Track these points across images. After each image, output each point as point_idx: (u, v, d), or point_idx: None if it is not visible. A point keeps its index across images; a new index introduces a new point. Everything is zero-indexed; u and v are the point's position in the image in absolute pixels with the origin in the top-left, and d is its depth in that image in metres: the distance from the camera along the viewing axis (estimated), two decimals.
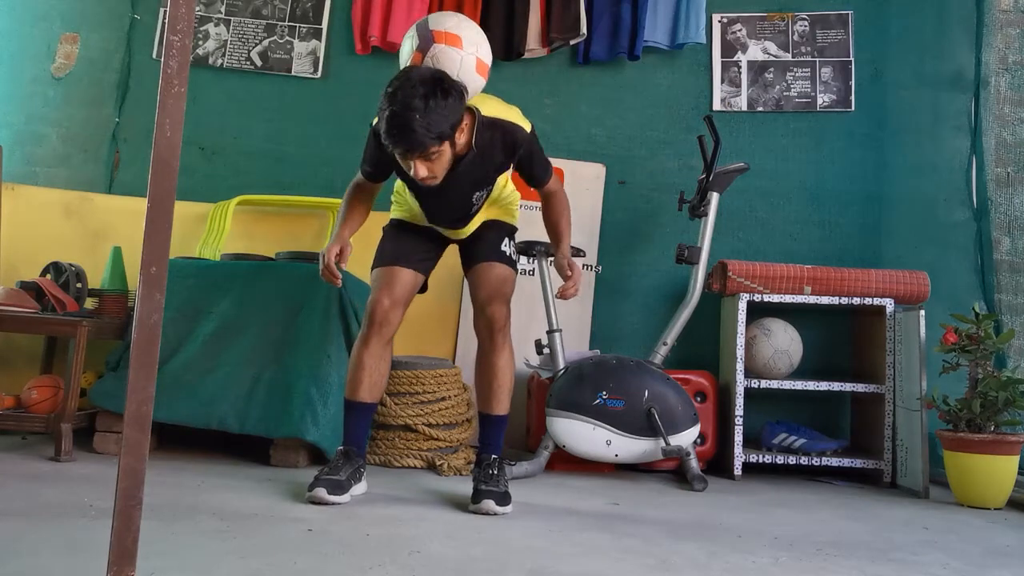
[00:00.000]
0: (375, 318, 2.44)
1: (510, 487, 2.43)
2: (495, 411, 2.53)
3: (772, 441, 3.35)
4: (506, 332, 2.50)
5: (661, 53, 3.93)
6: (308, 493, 2.29)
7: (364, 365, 2.44)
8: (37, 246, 3.49)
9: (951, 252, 3.68)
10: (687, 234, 3.66)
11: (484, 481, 2.38)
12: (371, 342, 2.44)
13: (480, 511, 2.29)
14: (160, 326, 1.20)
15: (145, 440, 1.19)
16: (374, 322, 2.44)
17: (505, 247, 2.57)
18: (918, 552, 2.10)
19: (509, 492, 2.39)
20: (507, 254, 2.56)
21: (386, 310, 2.44)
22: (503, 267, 2.53)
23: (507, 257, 2.55)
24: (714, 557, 1.93)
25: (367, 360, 2.44)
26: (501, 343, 2.49)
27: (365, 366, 2.44)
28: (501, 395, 2.52)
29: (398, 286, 2.47)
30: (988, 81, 3.68)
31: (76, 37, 4.02)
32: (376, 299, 2.45)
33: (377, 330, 2.44)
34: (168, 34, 1.24)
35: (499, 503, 2.31)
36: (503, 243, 2.57)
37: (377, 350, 2.45)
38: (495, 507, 2.30)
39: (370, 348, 2.45)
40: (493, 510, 2.29)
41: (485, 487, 2.35)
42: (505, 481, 2.42)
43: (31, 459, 2.74)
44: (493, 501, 2.30)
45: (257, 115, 3.99)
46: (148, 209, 1.21)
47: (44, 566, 1.56)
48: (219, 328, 3.01)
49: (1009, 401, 2.84)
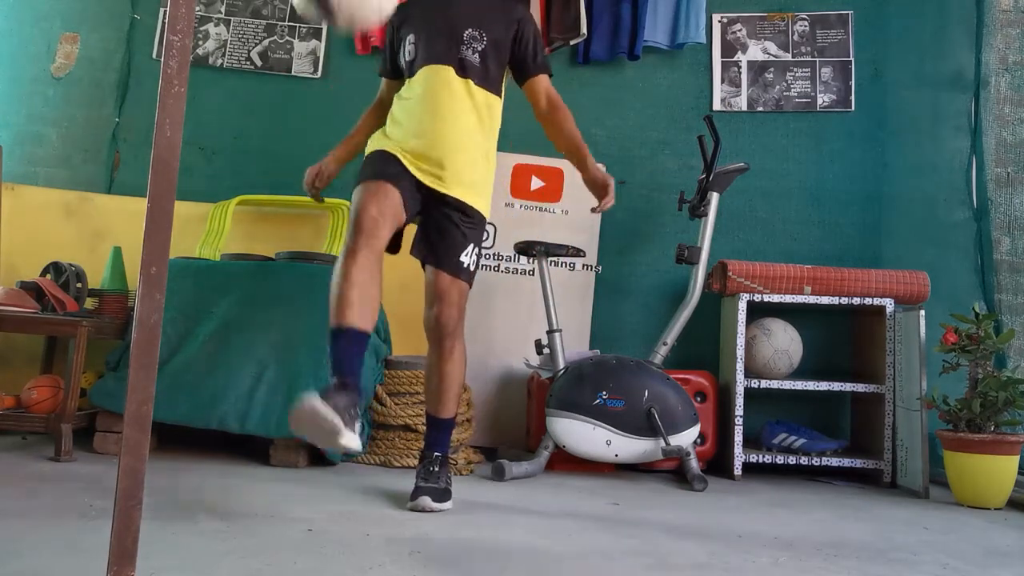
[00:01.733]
0: (363, 226, 2.14)
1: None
2: (442, 414, 2.47)
3: (772, 441, 3.35)
4: (455, 336, 2.41)
5: (661, 53, 3.93)
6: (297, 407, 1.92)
7: (354, 280, 2.06)
8: (37, 246, 3.49)
9: (951, 252, 3.68)
10: (687, 234, 3.67)
11: (424, 478, 2.37)
12: (359, 254, 2.10)
13: (416, 508, 2.27)
14: (160, 326, 1.20)
15: (145, 440, 1.19)
16: (362, 230, 2.13)
17: (465, 257, 2.39)
18: (918, 552, 2.10)
19: (449, 489, 2.38)
20: (465, 265, 2.39)
21: (375, 218, 2.16)
22: (458, 282, 2.39)
23: (464, 269, 2.39)
24: (714, 557, 1.92)
25: (356, 275, 2.07)
26: (450, 347, 2.41)
27: (355, 282, 2.06)
28: (449, 400, 2.45)
29: (385, 200, 2.23)
30: (988, 81, 3.68)
31: (76, 37, 4.02)
32: (363, 206, 2.18)
33: (366, 240, 2.12)
34: (168, 34, 1.24)
35: (436, 499, 2.30)
36: (464, 252, 2.39)
37: (367, 264, 2.10)
38: (431, 503, 2.28)
39: (359, 261, 2.09)
40: (429, 506, 2.27)
41: (424, 483, 2.35)
42: (447, 478, 2.41)
43: (31, 459, 2.74)
44: (429, 497, 2.29)
45: (257, 115, 3.99)
46: (148, 209, 1.21)
47: (44, 566, 1.56)
48: (219, 328, 3.01)
49: (1009, 401, 2.84)
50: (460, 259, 2.38)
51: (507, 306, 3.70)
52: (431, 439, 2.49)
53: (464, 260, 2.39)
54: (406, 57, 2.47)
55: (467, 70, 2.41)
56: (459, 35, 2.42)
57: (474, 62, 2.41)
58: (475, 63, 2.42)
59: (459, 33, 2.42)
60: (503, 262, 3.74)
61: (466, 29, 2.42)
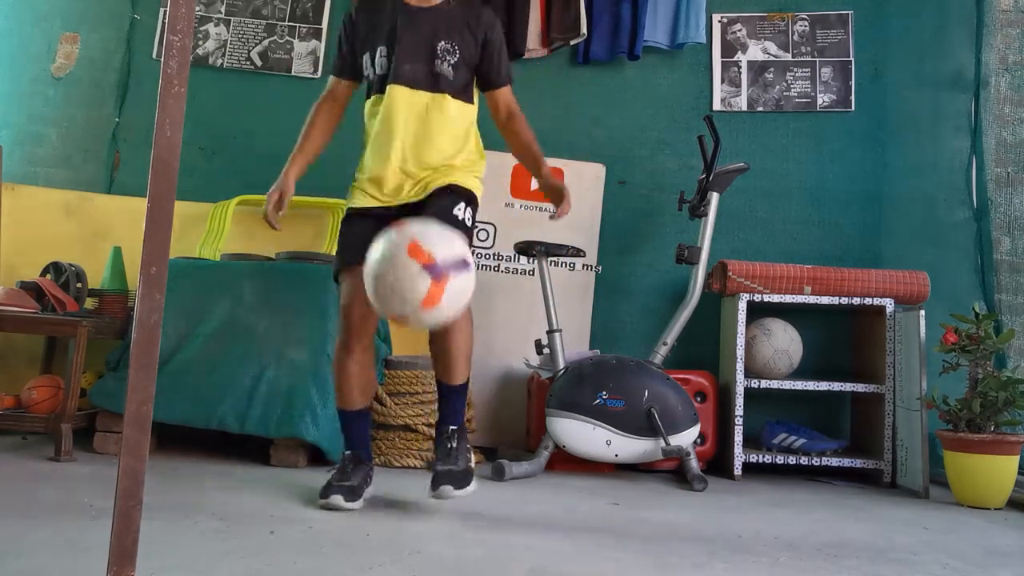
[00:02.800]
0: (351, 325, 2.30)
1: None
2: (452, 380, 2.33)
3: (772, 441, 3.35)
4: None
5: (661, 53, 3.93)
6: (322, 500, 2.22)
7: (350, 373, 2.33)
8: (37, 246, 3.49)
9: (951, 252, 3.68)
10: (687, 234, 3.66)
11: (442, 459, 2.28)
12: (353, 349, 2.32)
13: (439, 497, 2.20)
14: (160, 326, 1.20)
15: (145, 440, 1.19)
16: (352, 329, 2.30)
17: (459, 211, 2.31)
18: (918, 552, 2.10)
19: (470, 469, 2.29)
20: (459, 218, 2.29)
21: (360, 318, 2.29)
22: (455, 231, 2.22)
23: (459, 221, 2.27)
24: (714, 557, 1.92)
25: (352, 367, 2.33)
26: None
27: (351, 374, 2.33)
28: (459, 363, 2.31)
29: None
30: (988, 81, 3.69)
31: (76, 37, 4.02)
32: (348, 305, 2.30)
33: (355, 338, 2.31)
34: (168, 34, 1.24)
35: (457, 486, 2.21)
36: (456, 207, 2.31)
37: (359, 356, 2.34)
38: (453, 492, 2.19)
39: (353, 355, 2.33)
40: (451, 495, 2.19)
41: (443, 467, 2.25)
42: (466, 456, 2.31)
43: (31, 459, 2.74)
44: (451, 486, 2.20)
45: (257, 115, 3.98)
46: (148, 209, 1.21)
47: (44, 566, 1.56)
48: (219, 328, 3.01)
49: (1009, 401, 2.84)
50: (454, 212, 2.29)
51: (507, 306, 3.69)
52: (444, 411, 2.37)
53: (458, 213, 2.30)
54: (376, 70, 2.41)
55: (442, 84, 2.38)
56: (433, 49, 2.38)
57: (448, 75, 2.38)
58: (449, 76, 2.38)
59: (433, 47, 2.38)
60: (503, 262, 3.74)
61: (440, 42, 2.39)
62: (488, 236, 3.75)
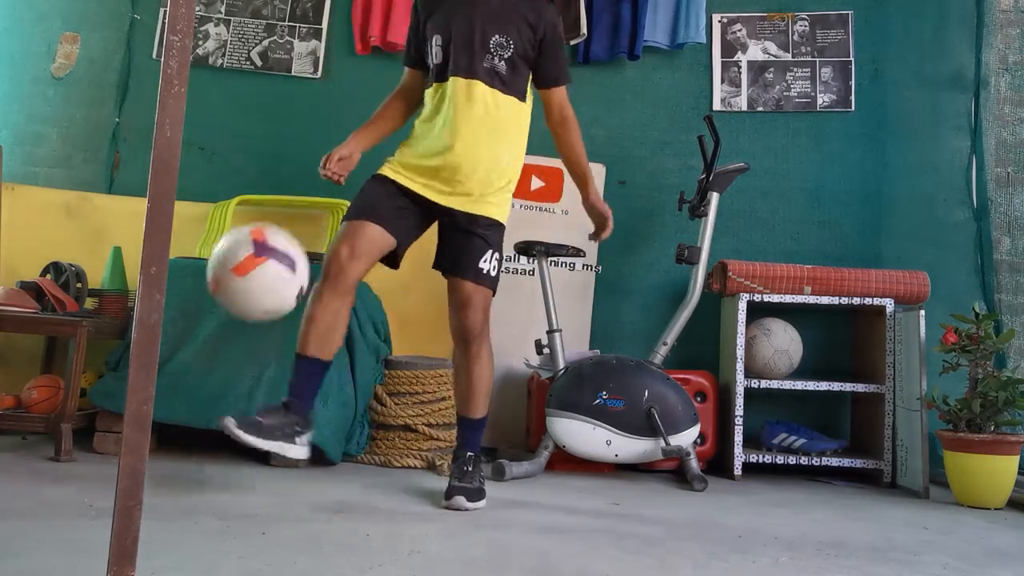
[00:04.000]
0: (329, 270, 2.32)
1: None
2: (472, 415, 2.50)
3: (772, 441, 3.35)
4: (482, 339, 2.45)
5: (661, 53, 3.93)
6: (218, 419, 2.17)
7: (313, 318, 2.32)
8: (37, 246, 3.49)
9: (951, 252, 3.68)
10: (687, 234, 3.66)
11: (458, 478, 2.41)
12: (323, 294, 2.32)
13: (451, 507, 2.32)
14: (160, 326, 1.20)
15: (145, 440, 1.19)
16: (328, 274, 2.32)
17: (484, 263, 2.41)
18: (918, 552, 2.10)
19: (483, 488, 2.42)
20: (485, 271, 2.41)
21: (343, 261, 2.31)
22: (481, 289, 2.41)
23: (484, 275, 2.41)
24: (714, 557, 1.92)
25: (316, 313, 2.31)
26: (476, 351, 2.45)
27: (314, 319, 2.32)
28: (478, 400, 2.49)
29: (361, 239, 2.34)
30: (988, 81, 3.69)
31: (76, 37, 4.02)
32: (334, 249, 2.35)
33: (331, 282, 2.31)
34: (168, 34, 1.24)
35: (470, 499, 2.34)
36: (483, 259, 2.42)
37: (329, 301, 2.32)
38: (465, 503, 2.32)
39: (322, 300, 2.32)
40: (463, 506, 2.31)
41: (458, 483, 2.39)
42: (480, 478, 2.45)
43: (31, 459, 2.74)
44: (464, 497, 2.33)
45: (257, 115, 3.99)
46: (148, 209, 1.21)
47: (44, 566, 1.56)
48: (219, 328, 3.01)
49: (1009, 401, 2.84)
50: (480, 266, 2.41)
51: (507, 306, 3.69)
52: (463, 439, 2.52)
53: (484, 266, 2.41)
54: (434, 59, 2.46)
55: (494, 80, 2.40)
56: (487, 43, 2.39)
57: (501, 70, 2.40)
58: (502, 71, 2.40)
59: (487, 40, 2.39)
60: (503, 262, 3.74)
61: (493, 36, 2.40)
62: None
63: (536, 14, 2.44)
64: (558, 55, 2.49)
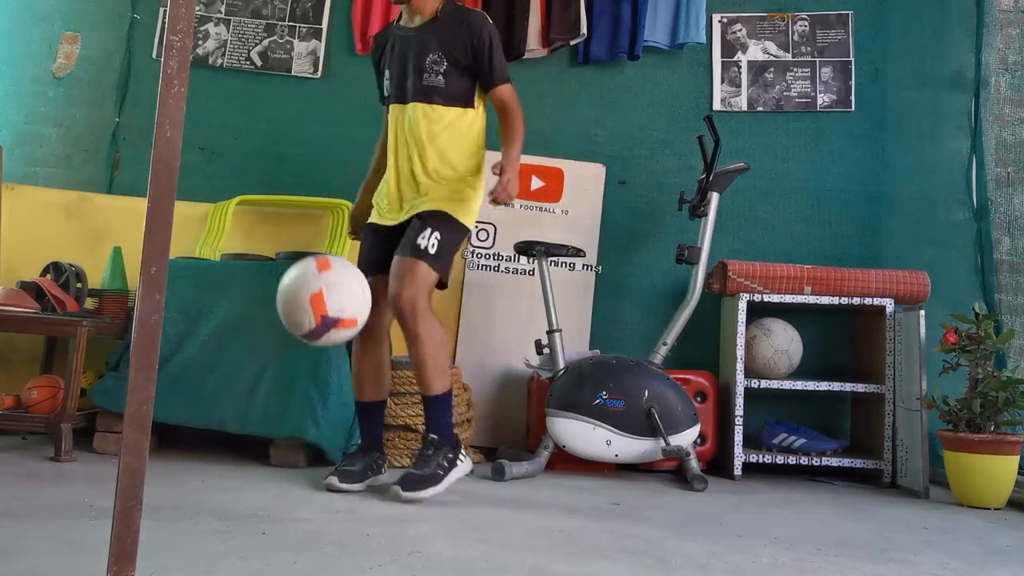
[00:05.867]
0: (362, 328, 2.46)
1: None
2: (427, 392, 2.53)
3: (772, 441, 3.35)
4: (416, 317, 2.44)
5: (661, 53, 3.93)
6: (324, 481, 2.49)
7: (362, 371, 2.64)
8: (37, 246, 3.49)
9: (951, 252, 3.68)
10: (687, 234, 3.66)
11: (413, 461, 2.54)
12: (364, 349, 2.63)
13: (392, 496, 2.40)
14: (160, 326, 1.20)
15: (145, 440, 1.19)
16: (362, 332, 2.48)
17: (422, 240, 2.48)
18: (918, 552, 2.10)
19: (437, 474, 2.42)
20: (422, 247, 2.47)
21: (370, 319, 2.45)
22: (412, 260, 2.46)
23: (421, 250, 2.47)
24: (714, 557, 1.93)
25: (364, 366, 2.64)
26: (413, 331, 2.46)
27: (362, 370, 2.64)
28: (426, 377, 2.50)
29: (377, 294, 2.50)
30: (988, 81, 3.69)
31: (76, 37, 4.02)
32: None
33: (367, 338, 2.59)
34: (168, 34, 1.24)
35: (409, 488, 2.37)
36: (421, 235, 2.49)
37: (371, 355, 2.63)
38: (400, 492, 2.37)
39: (365, 354, 2.63)
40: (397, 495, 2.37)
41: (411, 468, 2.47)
42: (440, 464, 2.45)
43: (31, 459, 2.74)
44: (400, 487, 2.38)
45: (257, 115, 3.99)
46: (148, 209, 1.21)
47: (44, 566, 1.56)
48: (219, 328, 3.01)
49: (1009, 401, 2.84)
50: (417, 241, 2.49)
51: (507, 306, 3.70)
52: (425, 419, 2.59)
53: (421, 242, 2.49)
54: (384, 91, 2.73)
55: (431, 95, 2.57)
56: (422, 65, 2.58)
57: (439, 84, 2.57)
58: (440, 85, 2.57)
59: (422, 63, 2.58)
60: (503, 262, 3.75)
61: (427, 56, 2.58)
62: (488, 236, 3.75)
63: (466, 25, 2.59)
64: (492, 58, 2.60)
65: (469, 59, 2.58)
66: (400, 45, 2.65)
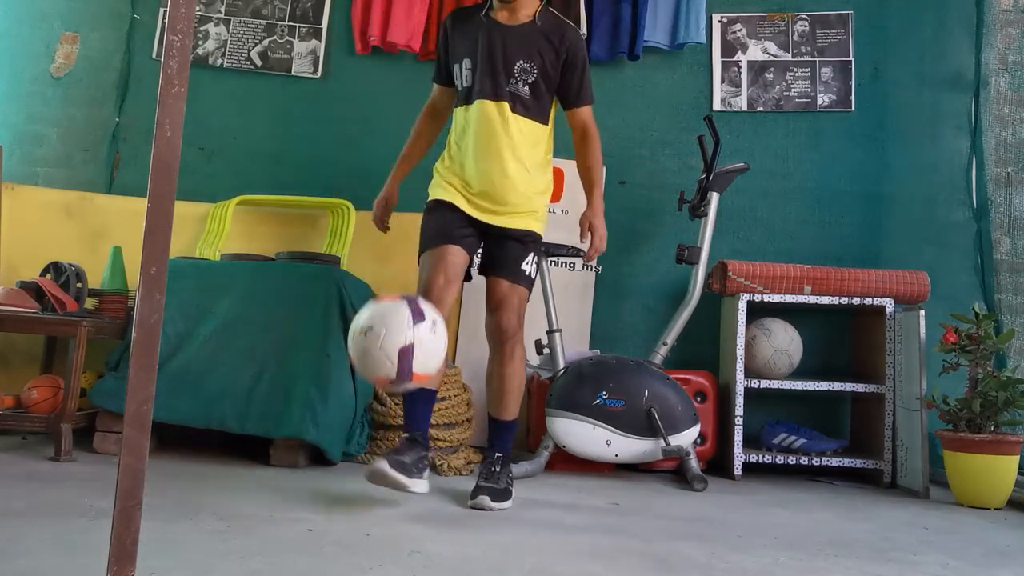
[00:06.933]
0: (431, 298, 2.33)
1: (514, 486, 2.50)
2: (503, 416, 2.56)
3: (772, 441, 3.35)
4: (515, 342, 2.49)
5: (661, 53, 3.93)
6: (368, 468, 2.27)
7: None
8: (37, 246, 3.49)
9: (951, 252, 3.68)
10: (687, 234, 3.66)
11: (485, 477, 2.46)
12: None
13: (476, 506, 2.35)
14: (160, 326, 1.20)
15: (145, 440, 1.19)
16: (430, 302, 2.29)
17: (527, 265, 2.52)
18: (918, 552, 2.10)
19: (510, 489, 2.45)
20: (526, 273, 2.52)
21: (441, 288, 2.39)
22: (523, 289, 2.51)
23: (524, 276, 2.51)
24: (714, 557, 1.92)
25: None
26: (510, 353, 2.50)
27: None
28: (510, 403, 2.55)
29: (451, 265, 2.44)
30: (988, 81, 3.69)
31: (76, 37, 4.02)
32: (430, 279, 2.41)
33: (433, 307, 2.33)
34: (168, 34, 1.24)
35: (495, 499, 2.37)
36: (525, 260, 2.52)
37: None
38: (490, 503, 2.35)
39: None
40: (488, 505, 2.34)
41: (484, 483, 2.43)
42: (508, 479, 2.49)
43: (31, 459, 2.74)
44: (488, 497, 2.36)
45: (257, 115, 3.99)
46: (148, 209, 1.21)
47: (44, 566, 1.56)
48: (219, 328, 3.01)
49: (1009, 401, 2.84)
50: (522, 267, 2.51)
51: None
52: (493, 440, 2.58)
53: (525, 268, 2.52)
54: (463, 82, 2.56)
55: (516, 104, 2.49)
56: (511, 68, 2.48)
57: (524, 95, 2.49)
58: (525, 95, 2.49)
59: (511, 66, 2.48)
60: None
61: (517, 61, 2.48)
62: None
63: (559, 37, 2.51)
64: (581, 77, 2.56)
65: (558, 72, 2.52)
66: (489, 40, 2.50)
